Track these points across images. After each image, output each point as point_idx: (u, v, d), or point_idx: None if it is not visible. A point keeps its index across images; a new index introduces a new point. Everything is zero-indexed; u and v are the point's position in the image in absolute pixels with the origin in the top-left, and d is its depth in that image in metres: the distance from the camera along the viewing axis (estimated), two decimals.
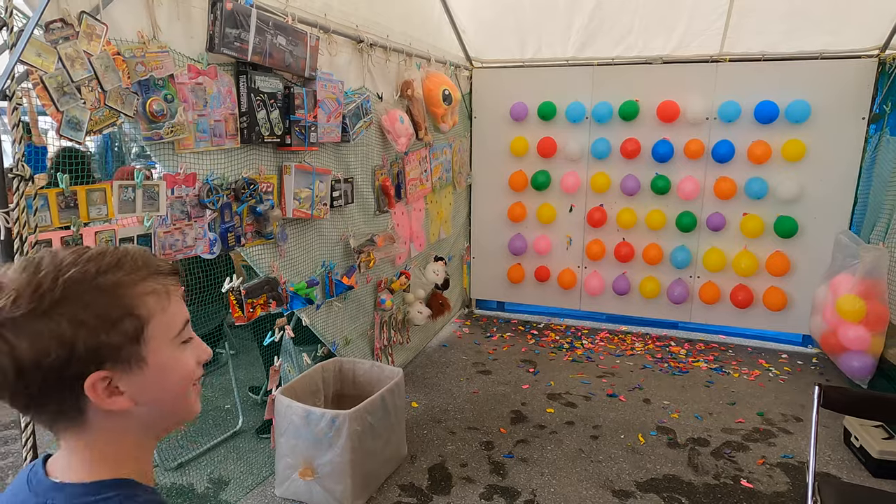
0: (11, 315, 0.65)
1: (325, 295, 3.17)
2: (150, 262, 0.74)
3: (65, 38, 1.69)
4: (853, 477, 2.91)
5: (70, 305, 0.67)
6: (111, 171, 5.12)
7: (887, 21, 3.74)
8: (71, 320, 0.66)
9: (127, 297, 0.70)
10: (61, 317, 0.66)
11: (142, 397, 0.73)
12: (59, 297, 0.66)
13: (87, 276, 0.68)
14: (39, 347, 0.65)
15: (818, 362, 4.31)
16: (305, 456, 2.61)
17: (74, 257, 0.69)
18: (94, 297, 0.68)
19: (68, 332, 0.66)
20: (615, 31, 4.30)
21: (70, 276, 0.67)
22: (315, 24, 2.80)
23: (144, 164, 6.01)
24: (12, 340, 0.65)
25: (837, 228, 4.11)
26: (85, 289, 0.68)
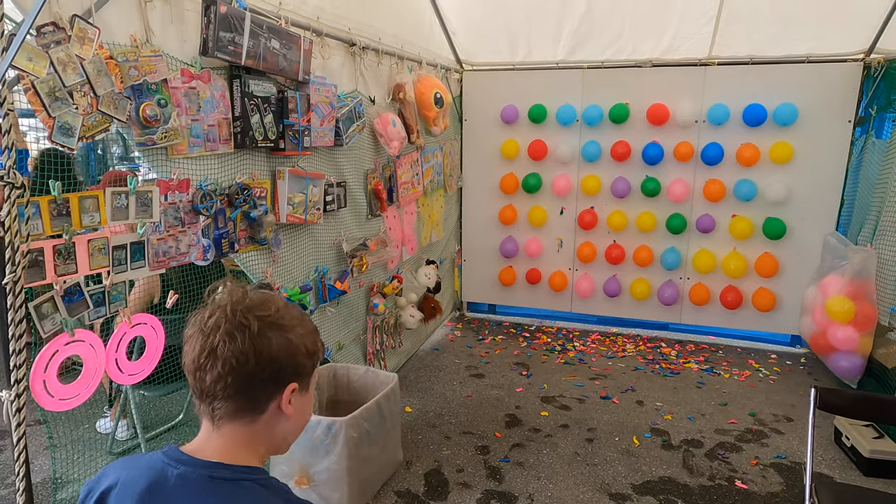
0: (276, 320, 0.90)
1: (318, 300, 3.14)
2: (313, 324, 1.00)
3: (56, 43, 1.65)
4: (845, 476, 2.95)
5: (301, 330, 0.93)
6: (94, 174, 5.03)
7: (872, 26, 3.80)
8: (301, 340, 0.92)
9: (317, 341, 0.97)
10: (297, 335, 0.92)
11: (295, 414, 0.95)
12: (299, 322, 0.94)
13: (303, 319, 0.96)
14: (282, 348, 0.89)
15: (806, 362, 4.36)
16: (301, 464, 2.58)
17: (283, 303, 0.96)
18: (308, 333, 0.95)
19: (298, 347, 0.92)
20: (605, 34, 4.32)
21: (299, 314, 0.95)
22: (308, 28, 2.78)
23: (128, 165, 5.92)
24: (271, 336, 0.89)
25: (824, 230, 4.16)
26: (304, 325, 0.95)
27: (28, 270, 1.63)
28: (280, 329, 0.89)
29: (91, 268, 1.83)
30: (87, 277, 1.85)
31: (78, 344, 1.79)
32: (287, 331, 0.90)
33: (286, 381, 0.91)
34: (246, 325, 0.87)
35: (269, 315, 0.89)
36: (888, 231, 3.51)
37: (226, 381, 0.86)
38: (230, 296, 0.91)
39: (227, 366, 0.86)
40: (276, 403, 0.91)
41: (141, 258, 2.03)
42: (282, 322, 0.90)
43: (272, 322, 0.89)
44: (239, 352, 0.86)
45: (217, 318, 0.88)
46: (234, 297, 0.90)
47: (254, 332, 0.87)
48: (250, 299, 0.90)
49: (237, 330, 0.87)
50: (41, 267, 1.69)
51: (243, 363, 0.86)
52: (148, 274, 2.07)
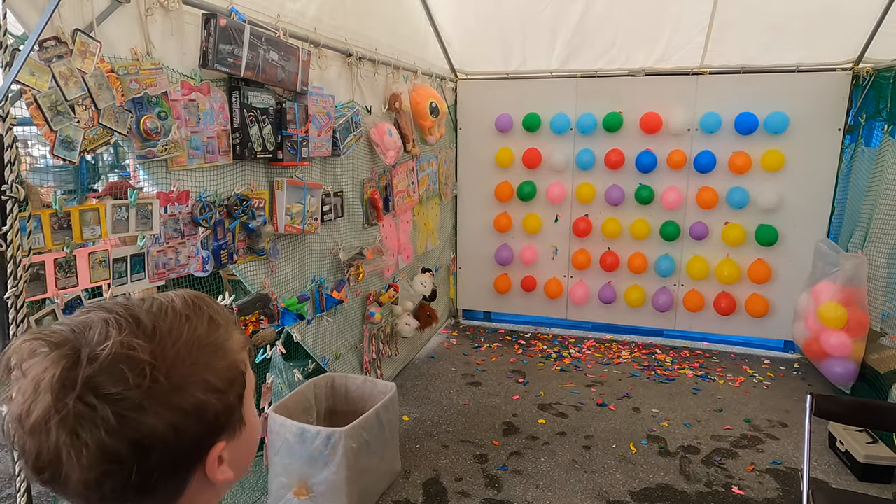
0: (145, 392, 0.55)
1: (315, 310, 3.14)
2: (226, 312, 0.67)
3: (58, 57, 1.65)
4: (840, 481, 2.97)
5: (200, 370, 0.60)
6: (86, 183, 5.00)
7: (861, 35, 3.86)
8: (204, 388, 0.59)
9: (233, 354, 0.64)
10: (195, 387, 0.59)
11: (236, 462, 0.66)
12: (189, 360, 0.59)
13: (200, 337, 0.61)
14: (174, 422, 0.57)
15: (800, 367, 4.40)
16: (300, 475, 2.57)
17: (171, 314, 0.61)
18: (215, 359, 0.62)
19: (204, 401, 0.59)
20: (598, 43, 4.37)
21: (188, 340, 0.60)
22: (306, 39, 2.79)
23: (119, 174, 5.90)
24: (138, 420, 0.55)
25: (816, 236, 4.21)
26: (205, 351, 0.61)
27: (29, 284, 1.63)
28: (158, 399, 0.56)
29: (92, 280, 1.83)
30: (87, 290, 1.85)
31: None
32: (173, 394, 0.57)
33: (204, 450, 0.61)
34: (94, 418, 0.54)
35: (128, 389, 0.54)
36: (878, 238, 3.56)
37: (99, 491, 0.56)
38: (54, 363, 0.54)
39: (88, 478, 0.55)
40: (200, 474, 0.62)
41: (141, 270, 2.03)
42: (157, 388, 0.56)
43: (138, 398, 0.55)
44: (98, 458, 0.54)
45: (42, 409, 0.54)
46: (59, 366, 0.54)
47: (111, 424, 0.54)
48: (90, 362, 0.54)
49: (80, 426, 0.53)
50: (42, 280, 1.68)
51: (114, 467, 0.55)
52: (148, 286, 2.07)
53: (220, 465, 0.63)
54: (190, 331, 0.61)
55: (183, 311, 0.62)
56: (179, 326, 0.60)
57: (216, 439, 0.62)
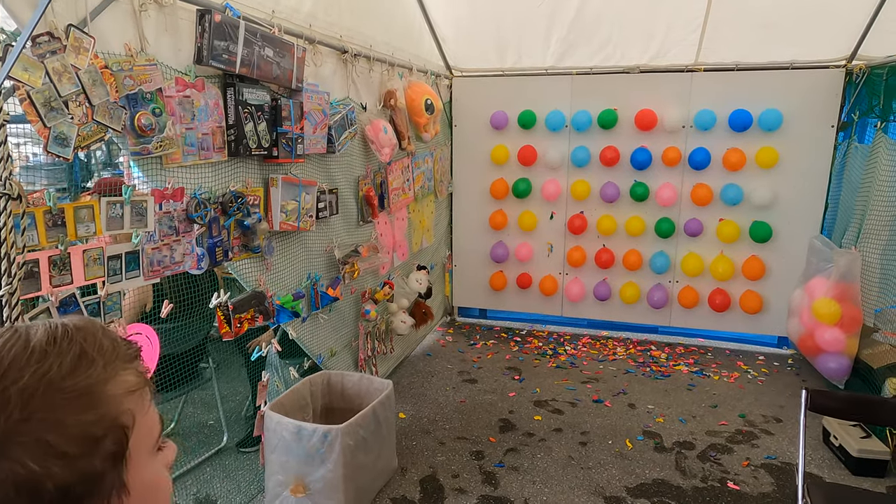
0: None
1: (310, 307, 3.13)
2: (118, 345, 0.54)
3: (52, 52, 1.64)
4: (834, 476, 2.99)
5: (34, 427, 0.46)
6: (79, 181, 4.97)
7: (854, 33, 3.88)
8: (37, 452, 0.46)
9: (107, 403, 0.50)
10: (22, 449, 0.45)
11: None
12: (18, 419, 0.46)
13: (51, 380, 0.48)
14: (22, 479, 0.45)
15: (793, 363, 4.42)
16: (297, 472, 2.57)
17: (18, 350, 0.48)
18: (65, 410, 0.48)
19: (32, 470, 0.45)
20: (593, 41, 4.37)
21: (27, 385, 0.47)
22: (301, 35, 2.78)
23: (112, 172, 5.86)
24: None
25: (809, 233, 4.23)
26: (51, 399, 0.47)
27: (23, 282, 1.62)
28: None
29: (86, 278, 1.82)
30: (82, 288, 1.84)
31: None
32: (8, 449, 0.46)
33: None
34: None
35: None
36: (872, 234, 3.58)
37: None
38: None
39: None
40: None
41: (136, 268, 2.02)
42: None
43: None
44: None
45: None
46: None
47: None
48: None
49: None
50: (36, 278, 1.67)
51: None
52: (143, 283, 2.06)
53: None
54: (35, 374, 0.48)
55: (38, 346, 0.49)
56: (22, 368, 0.48)
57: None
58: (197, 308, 2.74)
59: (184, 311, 2.76)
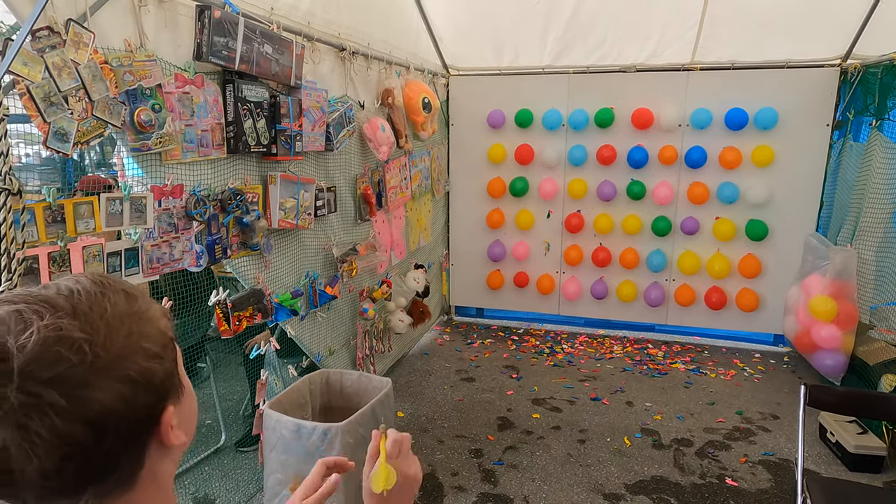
0: (83, 367, 0.53)
1: (309, 305, 3.13)
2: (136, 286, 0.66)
3: (51, 47, 1.63)
4: (830, 471, 3.01)
5: (135, 339, 0.58)
6: (72, 180, 4.94)
7: (849, 32, 3.91)
8: (144, 355, 0.59)
9: (159, 321, 0.64)
10: (136, 354, 0.58)
11: (184, 425, 0.66)
12: (123, 329, 0.58)
13: (128, 308, 0.60)
14: (124, 393, 0.56)
15: (790, 361, 4.45)
16: (296, 470, 2.55)
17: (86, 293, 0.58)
18: (144, 327, 0.60)
19: (147, 367, 0.59)
20: (590, 39, 4.38)
21: (116, 312, 0.58)
22: (299, 32, 2.77)
23: (106, 172, 5.82)
24: (87, 397, 0.53)
25: (805, 231, 4.26)
26: (133, 320, 0.59)
27: (23, 278, 1.61)
28: (103, 371, 0.55)
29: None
30: None
31: None
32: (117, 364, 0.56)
33: (157, 417, 0.61)
34: (40, 405, 0.51)
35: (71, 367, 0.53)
36: (867, 231, 3.61)
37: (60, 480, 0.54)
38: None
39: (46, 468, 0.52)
40: (156, 442, 0.62)
41: (135, 265, 2.01)
42: (100, 360, 0.54)
43: (83, 374, 0.53)
44: (55, 443, 0.52)
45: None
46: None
47: (61, 406, 0.52)
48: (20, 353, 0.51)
49: (28, 418, 0.51)
50: (36, 275, 1.66)
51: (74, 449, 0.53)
52: (142, 280, 2.04)
53: (174, 430, 0.63)
54: (111, 304, 0.58)
55: (95, 288, 0.59)
56: (99, 302, 0.58)
57: (165, 404, 0.62)
58: (195, 306, 2.73)
59: (182, 310, 2.75)
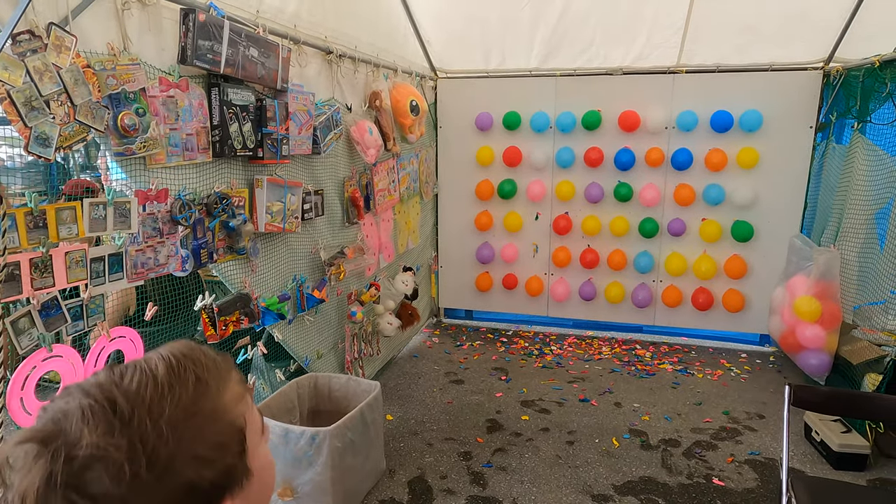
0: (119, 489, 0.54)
1: (296, 309, 3.11)
2: (219, 363, 0.66)
3: (33, 51, 1.61)
4: (815, 470, 3.04)
5: (185, 446, 0.58)
6: (56, 183, 4.88)
7: (831, 35, 3.95)
8: (191, 463, 0.58)
9: (226, 414, 0.63)
10: (183, 465, 0.57)
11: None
12: (173, 443, 0.57)
13: (185, 407, 0.59)
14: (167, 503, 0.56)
15: (775, 360, 4.49)
16: (284, 476, 2.55)
17: (152, 388, 0.59)
18: (203, 428, 0.60)
19: (193, 476, 0.58)
20: (577, 43, 4.40)
21: (171, 416, 0.58)
22: (285, 36, 2.76)
23: (91, 175, 5.76)
24: None
25: (789, 232, 4.30)
26: (191, 423, 0.59)
27: (4, 285, 1.59)
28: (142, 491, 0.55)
29: (69, 280, 1.79)
30: (64, 290, 1.81)
31: (56, 360, 1.75)
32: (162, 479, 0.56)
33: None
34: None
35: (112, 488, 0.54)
36: (850, 233, 3.65)
37: None
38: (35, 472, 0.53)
39: None
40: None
41: (119, 270, 1.99)
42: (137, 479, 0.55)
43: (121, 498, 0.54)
44: None
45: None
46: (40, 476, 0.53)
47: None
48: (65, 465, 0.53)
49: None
50: (18, 281, 1.64)
51: None
52: (126, 286, 2.03)
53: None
54: (172, 405, 0.58)
55: (165, 381, 0.60)
56: (161, 402, 0.58)
57: (221, 499, 0.61)
58: (181, 311, 2.71)
59: (168, 314, 2.73)
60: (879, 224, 3.45)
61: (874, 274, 3.38)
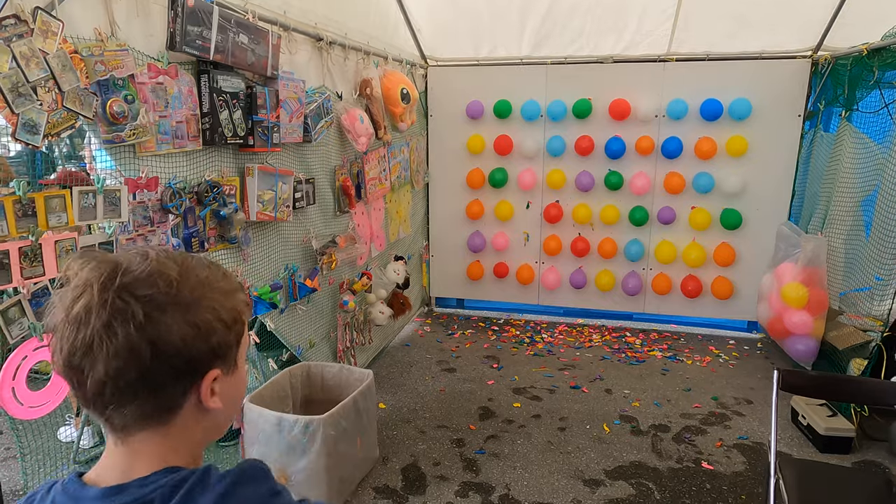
0: (171, 299, 0.67)
1: (288, 298, 3.11)
2: (234, 278, 0.79)
3: (18, 36, 1.58)
4: (802, 453, 3.10)
5: (211, 301, 0.71)
6: (41, 173, 4.83)
7: (819, 24, 3.98)
8: (213, 314, 0.70)
9: (238, 303, 0.75)
10: (206, 310, 0.70)
11: (225, 401, 0.75)
12: (205, 289, 0.71)
13: (216, 279, 0.73)
14: (185, 333, 0.68)
15: (763, 347, 4.55)
16: (279, 464, 2.55)
17: (190, 258, 0.74)
18: (224, 298, 0.73)
19: (211, 323, 0.70)
20: (567, 31, 4.39)
21: (206, 277, 0.72)
22: (275, 22, 2.73)
23: (76, 165, 5.69)
24: (165, 321, 0.67)
25: (778, 220, 4.34)
26: (218, 289, 0.73)
27: None
28: (179, 308, 0.68)
29: (59, 269, 1.77)
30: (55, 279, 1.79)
31: (47, 349, 1.73)
32: (190, 309, 0.69)
33: (202, 371, 0.71)
34: (126, 312, 0.65)
35: (158, 293, 0.67)
36: (836, 220, 3.69)
37: (115, 384, 0.66)
38: (99, 269, 0.67)
39: (111, 367, 0.65)
40: (195, 397, 0.71)
41: None
42: (180, 298, 0.68)
43: (164, 302, 0.67)
44: (125, 349, 0.65)
45: (86, 302, 0.66)
46: (103, 271, 0.67)
47: (139, 320, 0.65)
48: (128, 272, 0.67)
49: (115, 319, 0.65)
50: (7, 269, 1.62)
51: (134, 362, 0.65)
52: None
53: (213, 395, 0.73)
54: (209, 273, 0.73)
55: (205, 261, 0.76)
56: (201, 269, 0.73)
57: (213, 364, 0.72)
58: None
59: None
60: (865, 211, 3.50)
61: (860, 261, 3.43)
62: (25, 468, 1.87)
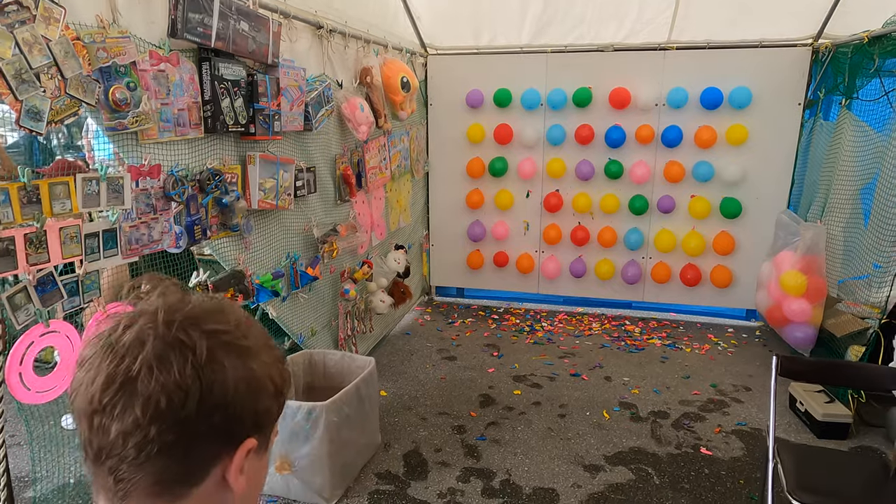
0: (236, 340, 0.61)
1: (290, 286, 3.12)
2: None
3: (21, 22, 1.58)
4: (800, 439, 3.13)
5: (268, 357, 0.64)
6: (39, 162, 4.82)
7: (820, 12, 3.97)
8: (267, 371, 0.64)
9: (286, 372, 0.69)
10: (263, 365, 0.63)
11: (250, 480, 0.64)
12: (265, 344, 0.65)
13: (269, 337, 0.67)
14: (242, 383, 0.60)
15: (761, 334, 4.57)
16: (281, 450, 2.58)
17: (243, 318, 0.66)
18: (276, 361, 0.66)
19: (263, 382, 0.63)
20: (568, 19, 4.38)
21: (264, 332, 0.67)
22: (275, 10, 2.73)
23: (75, 154, 5.68)
24: (226, 364, 0.59)
25: (777, 208, 4.35)
26: (272, 347, 0.67)
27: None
28: (241, 354, 0.61)
29: (64, 256, 1.78)
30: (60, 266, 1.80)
31: (53, 335, 1.75)
32: (251, 356, 0.61)
33: (242, 436, 0.61)
34: (188, 345, 0.57)
35: (226, 331, 0.60)
36: (836, 208, 3.71)
37: (146, 433, 0.55)
38: (163, 296, 0.62)
39: (150, 407, 0.55)
40: (221, 471, 0.60)
41: (114, 246, 1.98)
42: (244, 343, 0.61)
43: (230, 342, 0.60)
44: (174, 386, 0.56)
45: (141, 328, 0.58)
46: (169, 299, 0.61)
47: (200, 355, 0.57)
48: (195, 305, 0.61)
49: (174, 350, 0.57)
50: (12, 256, 1.63)
51: (178, 405, 0.56)
52: (121, 262, 2.02)
53: (241, 473, 0.62)
54: (260, 328, 0.68)
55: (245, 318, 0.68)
56: (255, 321, 0.68)
57: (252, 433, 0.62)
58: None
59: None
60: (864, 200, 3.51)
61: (859, 249, 3.45)
62: (32, 455, 1.89)
